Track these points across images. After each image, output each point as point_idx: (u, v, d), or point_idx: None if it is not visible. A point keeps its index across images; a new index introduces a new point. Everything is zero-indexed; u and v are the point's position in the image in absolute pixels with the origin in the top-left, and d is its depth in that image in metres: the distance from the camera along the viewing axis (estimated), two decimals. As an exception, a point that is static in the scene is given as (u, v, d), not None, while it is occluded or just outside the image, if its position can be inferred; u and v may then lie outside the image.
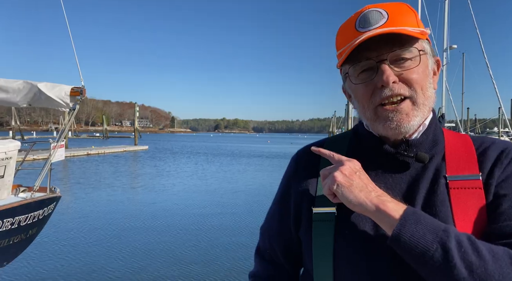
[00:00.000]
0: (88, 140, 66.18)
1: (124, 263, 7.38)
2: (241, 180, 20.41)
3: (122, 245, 8.56)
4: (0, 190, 4.95)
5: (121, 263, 7.36)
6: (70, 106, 5.55)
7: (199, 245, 8.64)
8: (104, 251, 8.08)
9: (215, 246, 8.59)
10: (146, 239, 9.12)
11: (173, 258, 7.74)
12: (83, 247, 8.26)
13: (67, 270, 6.93)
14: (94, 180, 18.93)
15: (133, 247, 8.40)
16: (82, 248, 8.18)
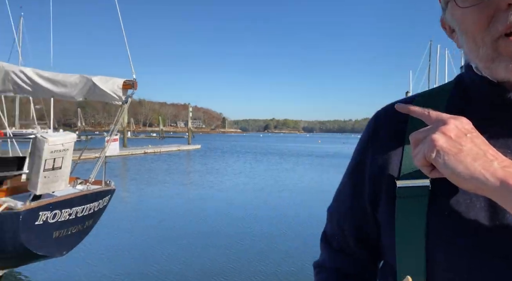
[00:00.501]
0: (146, 140, 69.70)
1: (171, 255, 7.49)
2: (289, 179, 20.17)
3: (170, 238, 8.73)
4: (58, 181, 5.12)
5: (168, 255, 7.49)
6: (122, 99, 5.62)
7: (242, 241, 8.59)
8: (153, 244, 8.24)
9: (258, 242, 8.52)
10: (193, 233, 9.21)
11: (219, 252, 7.77)
12: (133, 239, 8.52)
13: (118, 262, 7.14)
14: (148, 177, 19.77)
15: (180, 241, 8.54)
16: (132, 240, 8.44)
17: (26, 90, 5.74)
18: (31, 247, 5.09)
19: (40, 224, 5.07)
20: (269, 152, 45.42)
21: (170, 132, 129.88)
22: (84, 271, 6.73)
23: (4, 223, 4.75)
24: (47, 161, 4.88)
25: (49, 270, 6.60)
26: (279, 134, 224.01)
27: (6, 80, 5.71)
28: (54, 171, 5.04)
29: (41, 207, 5.01)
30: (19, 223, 4.82)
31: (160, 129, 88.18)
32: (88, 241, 6.61)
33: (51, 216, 5.17)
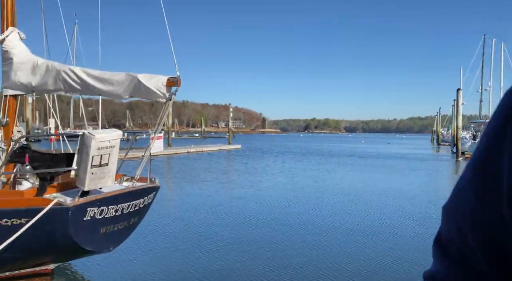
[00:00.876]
0: (189, 140, 71.54)
1: (210, 253, 7.48)
2: (329, 180, 19.68)
3: (207, 236, 8.74)
4: (105, 177, 5.19)
5: (207, 253, 7.51)
6: (166, 96, 5.59)
7: (277, 241, 8.46)
8: (193, 242, 8.27)
9: (293, 243, 8.36)
10: (230, 231, 9.19)
11: (253, 250, 7.80)
12: (174, 237, 8.56)
13: (160, 259, 7.18)
14: (190, 175, 20.18)
15: (217, 238, 8.56)
16: (173, 238, 8.49)
17: (76, 89, 5.91)
18: (79, 242, 5.19)
19: (88, 220, 5.16)
20: (309, 152, 44.75)
21: (212, 132, 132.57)
22: (128, 266, 6.83)
23: (54, 217, 4.87)
24: (94, 157, 4.94)
25: (96, 266, 6.76)
26: (320, 134, 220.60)
27: (57, 79, 5.91)
28: (101, 168, 5.10)
29: (88, 203, 5.09)
30: (68, 218, 4.92)
31: (202, 129, 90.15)
32: (132, 237, 6.71)
33: (98, 212, 5.24)
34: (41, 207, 4.76)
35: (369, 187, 16.93)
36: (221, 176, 20.53)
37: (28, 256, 5.24)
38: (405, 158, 37.33)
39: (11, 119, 6.11)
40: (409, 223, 10.31)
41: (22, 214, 4.79)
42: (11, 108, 6.13)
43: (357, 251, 7.90)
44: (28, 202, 4.81)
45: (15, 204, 4.79)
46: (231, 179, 19.27)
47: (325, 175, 21.55)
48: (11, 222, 4.81)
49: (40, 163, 5.21)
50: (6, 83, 6.06)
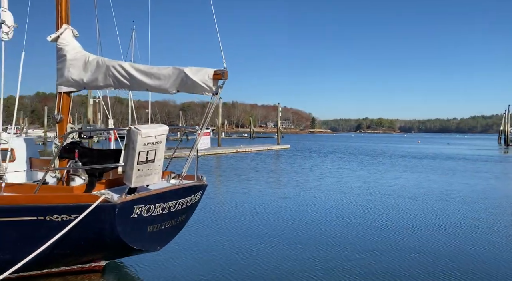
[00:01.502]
0: (238, 140, 72.37)
1: (253, 252, 7.22)
2: (380, 181, 18.56)
3: (252, 235, 8.49)
4: (151, 174, 5.02)
5: (251, 252, 7.27)
6: (213, 90, 5.31)
7: (322, 242, 8.03)
8: (237, 240, 8.04)
9: (338, 246, 7.87)
10: (274, 231, 8.89)
11: (296, 252, 7.44)
12: (220, 235, 8.32)
13: (210, 257, 6.95)
14: (236, 174, 20.04)
15: (261, 238, 8.30)
16: (220, 236, 8.24)
17: (125, 84, 5.84)
18: (126, 240, 5.06)
19: (135, 218, 5.02)
20: (360, 152, 42.98)
21: (260, 132, 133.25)
22: (177, 265, 6.68)
23: (101, 214, 4.77)
24: (141, 153, 4.77)
25: (147, 263, 6.68)
26: (372, 134, 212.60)
27: (107, 75, 5.88)
28: (148, 164, 4.93)
29: (135, 201, 4.95)
30: (115, 215, 4.80)
31: (251, 129, 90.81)
32: (181, 235, 6.56)
33: (145, 210, 5.09)
34: (88, 203, 4.68)
35: (424, 190, 15.63)
36: (268, 175, 20.20)
37: (78, 252, 5.23)
38: (467, 159, 34.39)
39: (64, 116, 6.21)
40: (474, 233, 9.15)
41: (71, 210, 4.75)
42: (64, 105, 6.22)
43: (410, 258, 7.11)
44: (77, 198, 4.76)
45: (64, 200, 4.76)
46: (278, 179, 18.86)
47: (377, 176, 20.40)
48: (61, 218, 4.79)
49: (88, 159, 5.17)
50: (60, 80, 6.16)
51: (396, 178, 19.56)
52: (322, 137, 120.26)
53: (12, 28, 5.36)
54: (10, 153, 7.87)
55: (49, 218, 4.80)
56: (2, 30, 5.22)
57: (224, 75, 5.25)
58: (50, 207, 4.76)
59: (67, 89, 6.19)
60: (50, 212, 4.78)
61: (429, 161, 31.64)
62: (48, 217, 4.80)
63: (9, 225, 4.86)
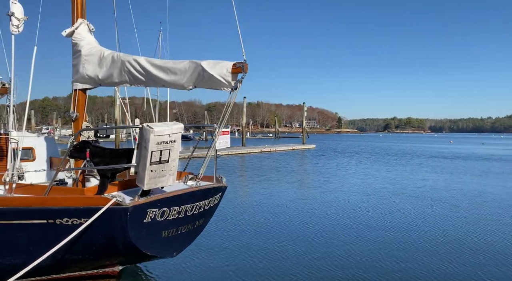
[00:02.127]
0: (263, 140, 72.03)
1: (266, 254, 6.84)
2: (407, 182, 17.68)
3: (271, 238, 8.08)
4: (166, 175, 4.67)
5: (262, 253, 6.93)
6: (231, 85, 4.90)
7: (340, 249, 7.50)
8: (255, 242, 7.64)
9: (358, 250, 7.32)
10: (294, 234, 8.45)
11: (312, 256, 7.11)
12: (242, 237, 7.94)
13: (227, 259, 6.57)
14: (260, 174, 19.57)
15: (280, 241, 7.88)
16: (241, 238, 7.86)
17: (140, 80, 5.53)
18: (140, 245, 4.73)
19: (148, 222, 4.68)
20: (388, 152, 41.54)
21: (285, 132, 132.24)
22: (196, 270, 6.35)
23: (112, 218, 4.46)
24: (154, 153, 4.42)
25: (164, 268, 6.37)
26: (401, 134, 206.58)
27: (122, 71, 5.60)
28: (161, 165, 4.57)
29: (148, 204, 4.60)
30: (127, 220, 4.48)
31: (276, 129, 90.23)
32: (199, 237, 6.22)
33: (159, 214, 4.74)
34: (99, 206, 4.38)
35: (455, 192, 14.67)
36: (292, 175, 19.64)
37: (90, 258, 4.95)
38: (503, 160, 32.48)
39: (80, 114, 5.98)
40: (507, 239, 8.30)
41: (81, 213, 4.46)
42: (80, 103, 5.99)
43: (437, 268, 6.43)
44: (87, 201, 4.47)
45: (74, 202, 4.48)
46: (303, 179, 18.28)
47: (404, 177, 19.50)
48: (71, 221, 4.52)
49: (100, 159, 4.88)
50: (75, 76, 5.94)
51: (425, 180, 18.57)
52: (349, 137, 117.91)
53: (23, 21, 5.15)
54: (31, 152, 7.84)
55: (59, 221, 4.54)
56: (12, 23, 5.02)
57: (244, 68, 4.82)
58: (60, 210, 4.50)
59: (82, 86, 5.96)
60: (60, 215, 4.52)
61: (461, 162, 30.09)
62: (58, 221, 4.54)
63: (20, 228, 4.65)
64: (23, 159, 7.44)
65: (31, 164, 7.44)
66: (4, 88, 6.79)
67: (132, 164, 4.58)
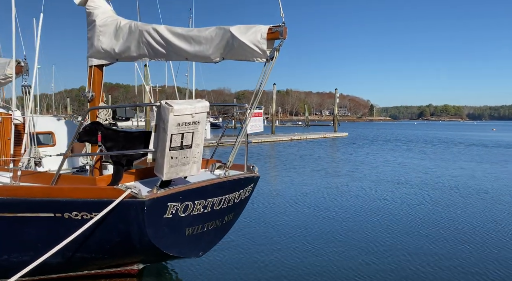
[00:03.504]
0: (292, 128, 70.77)
1: (294, 249, 6.39)
2: (443, 171, 16.26)
3: (307, 233, 7.31)
4: (188, 163, 3.91)
5: (289, 248, 6.43)
6: (266, 54, 4.03)
7: (373, 236, 7.00)
8: (284, 234, 6.80)
9: (386, 245, 6.68)
10: (328, 226, 7.70)
11: (354, 245, 6.67)
12: (272, 227, 7.16)
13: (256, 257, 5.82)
14: (289, 163, 18.74)
15: (308, 231, 7.29)
16: (271, 228, 7.08)
17: (161, 53, 4.78)
18: (160, 245, 4.04)
19: (169, 218, 3.96)
20: (423, 140, 39.30)
21: (315, 120, 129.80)
22: (221, 268, 5.66)
23: (127, 213, 3.78)
24: (174, 136, 3.67)
25: (187, 267, 5.71)
26: (437, 122, 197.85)
27: (140, 43, 4.87)
28: (183, 151, 3.82)
29: (168, 197, 3.88)
30: (144, 216, 3.78)
31: (305, 117, 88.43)
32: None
33: (181, 209, 4.01)
34: (111, 199, 3.70)
35: (498, 183, 13.19)
36: (328, 164, 18.60)
37: (104, 256, 4.33)
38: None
39: (96, 93, 5.33)
40: None
41: (91, 206, 3.81)
42: (96, 81, 5.34)
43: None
44: (97, 193, 3.81)
45: (82, 194, 3.83)
46: (338, 168, 17.19)
47: (440, 166, 18.09)
48: (81, 215, 3.88)
49: (113, 144, 4.20)
50: (90, 51, 5.27)
51: (463, 169, 17.10)
52: (381, 125, 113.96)
53: None
54: (50, 137, 7.37)
55: (67, 215, 3.91)
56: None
57: (283, 33, 3.93)
58: (68, 202, 3.87)
59: (98, 62, 5.29)
60: (68, 209, 3.89)
61: (505, 150, 27.84)
62: (66, 215, 3.92)
63: (26, 222, 4.07)
64: (42, 144, 6.98)
65: (51, 150, 6.95)
66: (19, 66, 6.25)
67: (150, 149, 3.85)
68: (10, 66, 6.09)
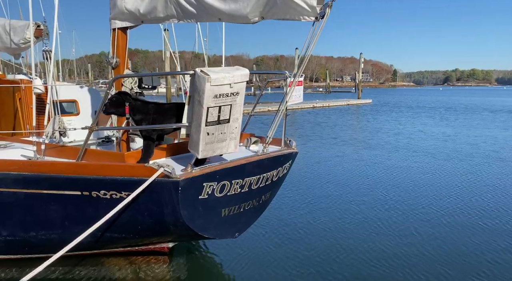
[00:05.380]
0: (313, 94, 69.20)
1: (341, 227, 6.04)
2: (485, 142, 15.11)
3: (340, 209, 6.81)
4: (226, 140, 3.49)
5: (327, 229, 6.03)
6: (316, 11, 3.43)
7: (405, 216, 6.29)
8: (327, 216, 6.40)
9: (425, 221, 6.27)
10: (361, 204, 7.08)
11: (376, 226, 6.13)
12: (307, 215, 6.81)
13: (289, 239, 5.53)
14: (316, 133, 18.19)
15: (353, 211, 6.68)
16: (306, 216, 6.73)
17: (190, 13, 4.24)
18: (194, 227, 3.73)
19: (205, 199, 3.61)
20: (454, 107, 37.57)
21: (336, 87, 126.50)
22: (254, 248, 5.38)
23: (159, 194, 3.44)
24: (210, 110, 3.22)
25: (219, 246, 5.47)
26: (463, 87, 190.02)
27: (168, 2, 4.33)
28: (220, 126, 3.38)
29: (204, 176, 3.50)
30: (178, 196, 3.43)
31: (326, 83, 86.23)
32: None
33: (218, 189, 3.64)
34: (142, 178, 3.35)
35: None
36: (358, 134, 17.95)
37: (135, 236, 4.08)
38: None
39: (121, 59, 4.88)
40: None
41: (120, 185, 3.49)
42: (120, 45, 4.87)
43: None
44: (127, 171, 3.46)
45: (111, 171, 3.50)
46: (369, 139, 16.54)
47: (480, 135, 17.05)
48: (109, 195, 3.58)
49: (143, 116, 3.79)
50: (113, 12, 4.76)
51: (497, 138, 16.11)
52: (406, 91, 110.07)
53: None
54: (74, 105, 7.07)
55: (95, 194, 3.62)
56: None
57: (337, -15, 3.30)
58: (96, 180, 3.55)
59: (122, 24, 4.79)
60: (96, 187, 3.59)
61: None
62: (94, 193, 3.62)
63: (52, 199, 3.81)
64: (66, 113, 6.69)
65: (75, 119, 6.66)
66: (39, 30, 5.81)
67: (183, 124, 3.43)
68: (29, 30, 5.66)
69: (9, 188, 3.84)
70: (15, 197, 3.88)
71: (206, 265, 5.11)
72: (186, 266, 4.92)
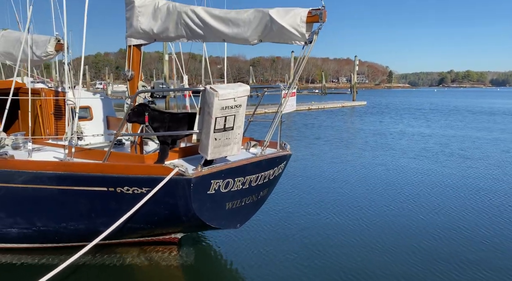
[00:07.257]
0: (309, 96, 70.03)
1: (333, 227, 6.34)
2: (482, 147, 15.87)
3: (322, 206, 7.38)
4: (230, 144, 4.17)
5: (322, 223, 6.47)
6: (305, 37, 4.13)
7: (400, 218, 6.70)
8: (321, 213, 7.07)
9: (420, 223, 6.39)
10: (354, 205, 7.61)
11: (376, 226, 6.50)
12: (299, 213, 7.50)
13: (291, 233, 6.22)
14: (312, 135, 18.90)
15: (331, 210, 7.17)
16: (298, 214, 7.42)
17: (198, 34, 4.92)
18: (203, 218, 4.41)
19: (212, 194, 4.29)
20: (449, 110, 38.45)
21: (332, 88, 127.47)
22: (257, 240, 6.06)
23: (175, 189, 4.11)
24: (218, 119, 3.90)
25: (225, 237, 6.15)
26: (458, 88, 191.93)
27: (178, 24, 5.00)
28: (226, 132, 4.06)
29: (212, 175, 4.18)
30: (190, 191, 4.11)
31: (322, 85, 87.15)
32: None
33: (223, 185, 4.32)
34: (161, 176, 4.02)
35: None
36: (351, 137, 18.70)
37: (151, 227, 4.75)
38: None
39: (135, 72, 5.55)
40: None
41: (142, 182, 4.16)
42: (135, 60, 5.54)
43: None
44: (148, 170, 4.13)
45: (134, 171, 4.17)
46: (366, 143, 17.29)
47: (474, 137, 17.79)
48: (132, 190, 4.24)
49: (160, 124, 4.47)
50: (129, 31, 5.43)
51: (497, 141, 16.84)
52: (401, 92, 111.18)
53: None
54: (88, 111, 7.71)
55: (119, 190, 4.28)
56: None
57: (322, 16, 4.00)
58: (121, 178, 4.22)
59: (137, 42, 5.46)
60: (120, 184, 4.25)
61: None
62: (119, 189, 4.29)
63: (81, 194, 4.47)
64: (81, 118, 7.34)
65: (89, 123, 7.31)
66: (60, 44, 6.48)
67: (195, 131, 4.11)
68: (50, 44, 6.32)
69: (45, 185, 4.50)
70: (50, 192, 4.53)
71: (211, 254, 5.78)
72: (192, 255, 5.59)
